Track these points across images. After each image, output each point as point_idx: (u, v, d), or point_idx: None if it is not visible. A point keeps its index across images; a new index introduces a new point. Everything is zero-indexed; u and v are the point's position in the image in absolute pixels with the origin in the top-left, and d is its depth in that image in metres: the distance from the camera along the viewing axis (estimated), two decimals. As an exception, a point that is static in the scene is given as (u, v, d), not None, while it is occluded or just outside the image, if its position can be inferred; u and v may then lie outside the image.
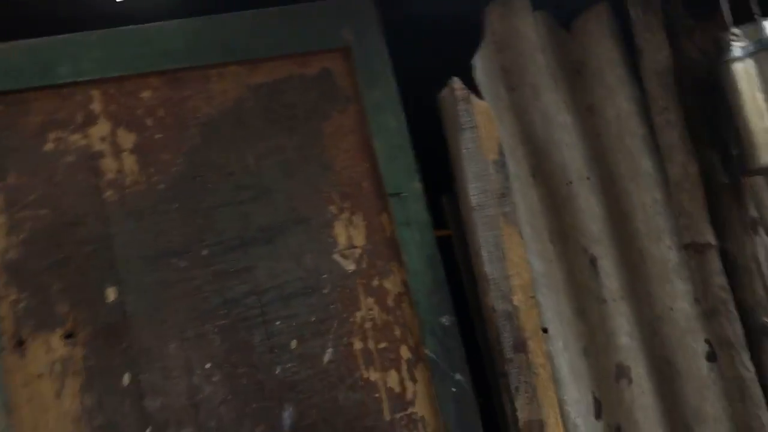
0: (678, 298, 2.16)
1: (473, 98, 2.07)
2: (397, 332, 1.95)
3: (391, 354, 1.95)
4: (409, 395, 1.94)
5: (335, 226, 1.97)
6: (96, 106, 1.93)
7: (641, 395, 2.10)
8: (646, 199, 2.20)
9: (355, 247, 1.96)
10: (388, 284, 1.97)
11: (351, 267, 1.95)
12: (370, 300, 1.95)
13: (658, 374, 2.17)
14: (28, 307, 1.79)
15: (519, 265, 2.03)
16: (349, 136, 2.01)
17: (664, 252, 2.18)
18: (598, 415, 2.11)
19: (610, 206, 2.22)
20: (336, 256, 1.95)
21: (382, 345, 1.94)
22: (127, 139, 1.94)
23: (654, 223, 2.19)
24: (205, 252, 1.90)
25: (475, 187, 2.04)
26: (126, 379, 1.83)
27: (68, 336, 1.82)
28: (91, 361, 1.82)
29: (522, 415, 1.96)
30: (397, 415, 1.92)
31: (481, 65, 2.16)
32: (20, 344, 1.76)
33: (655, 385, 2.15)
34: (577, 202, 2.17)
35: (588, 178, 2.19)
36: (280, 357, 1.88)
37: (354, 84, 2.04)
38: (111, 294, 1.86)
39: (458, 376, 1.93)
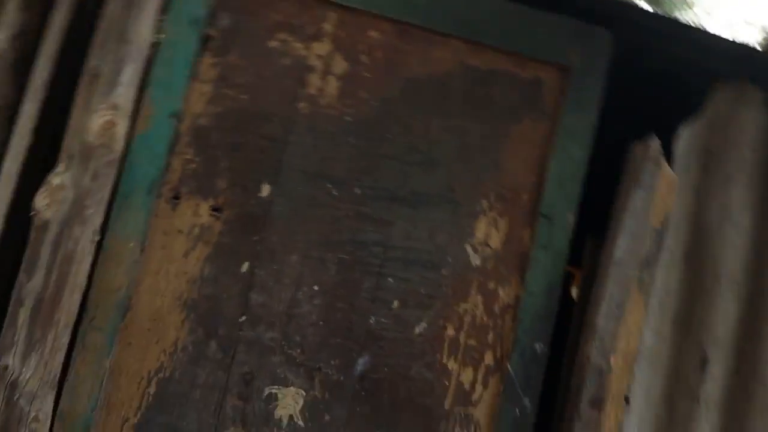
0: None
1: (664, 164, 2.01)
2: (490, 337, 1.95)
3: (475, 353, 1.95)
4: (475, 396, 1.94)
5: (480, 220, 1.97)
6: (327, 26, 1.98)
7: None
8: None
9: (489, 246, 1.96)
10: (501, 292, 1.97)
11: (477, 262, 1.96)
12: (479, 298, 1.95)
13: None
14: (196, 171, 1.90)
15: (632, 332, 1.98)
16: (531, 147, 2.00)
17: None
18: None
19: (750, 319, 2.11)
20: (467, 247, 1.96)
21: (472, 342, 1.95)
22: (340, 65, 1.99)
23: None
24: (357, 191, 1.95)
25: (625, 243, 2.00)
26: (245, 267, 1.91)
27: (215, 209, 1.91)
28: (225, 238, 1.92)
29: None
30: (456, 409, 1.93)
31: (685, 136, 2.11)
32: (176, 198, 1.88)
33: None
34: (715, 299, 2.09)
35: (737, 283, 2.12)
36: (379, 310, 1.92)
37: (558, 102, 2.02)
38: (265, 190, 1.93)
39: (527, 402, 1.93)
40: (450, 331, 1.94)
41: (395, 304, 1.93)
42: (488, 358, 1.95)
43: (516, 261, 1.98)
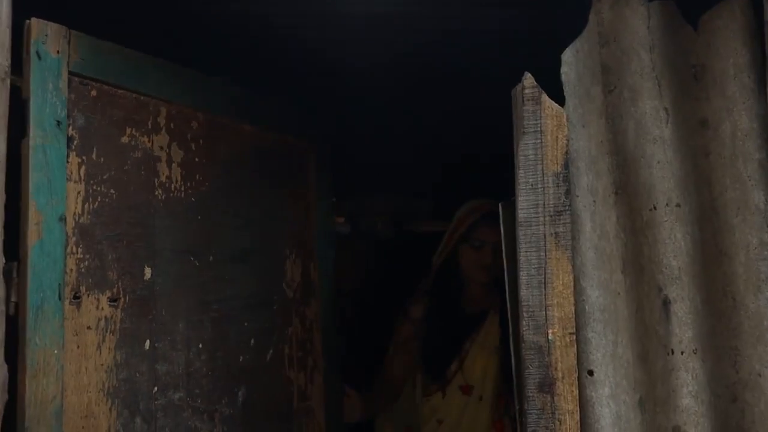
0: (770, 364, 1.58)
1: (545, 99, 1.61)
2: (308, 346, 2.42)
3: (303, 361, 2.39)
4: (309, 392, 2.41)
5: (286, 263, 2.39)
6: (162, 120, 2.02)
7: (698, 470, 1.58)
8: (752, 239, 1.57)
9: (294, 281, 2.40)
10: (308, 312, 2.45)
11: (291, 294, 2.38)
12: (297, 320, 2.39)
13: (729, 449, 1.61)
14: (89, 267, 1.77)
15: (562, 294, 1.59)
16: (303, 202, 2.53)
17: (761, 306, 1.56)
18: (645, 480, 1.64)
19: (703, 242, 1.62)
20: (284, 284, 2.36)
21: (300, 353, 2.40)
22: (177, 153, 2.05)
23: (755, 269, 1.56)
24: (211, 257, 2.08)
25: (526, 200, 1.65)
26: (147, 344, 1.87)
27: (113, 300, 1.80)
28: (126, 324, 1.82)
29: (534, 464, 1.58)
30: (300, 405, 2.37)
31: (575, 60, 1.66)
32: (76, 297, 1.73)
33: (720, 461, 1.61)
34: (660, 231, 1.63)
35: (678, 205, 1.64)
36: (244, 349, 2.16)
37: (311, 165, 2.62)
38: (147, 272, 1.92)
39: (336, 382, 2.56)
40: (287, 350, 2.33)
41: (252, 341, 2.20)
42: (310, 362, 2.43)
43: (310, 288, 2.48)
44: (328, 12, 2.10)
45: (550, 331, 1.57)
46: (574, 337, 1.57)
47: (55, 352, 1.73)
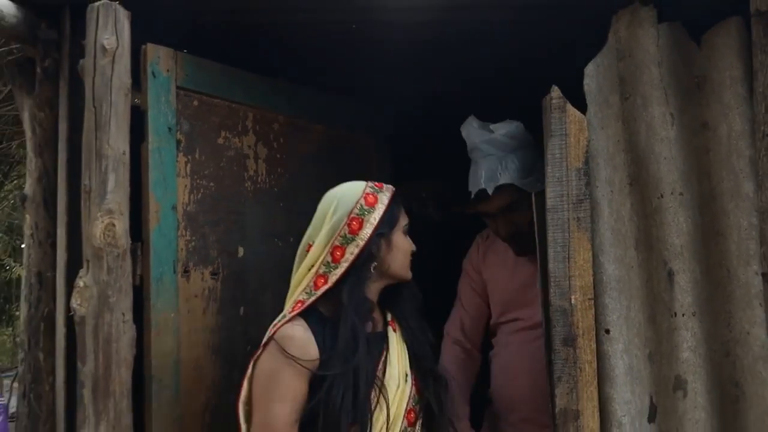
0: (756, 324, 1.84)
1: (569, 107, 1.91)
2: None
3: None
4: None
5: None
6: (249, 123, 2.35)
7: (694, 409, 1.84)
8: (743, 222, 1.87)
9: None
10: None
11: None
12: None
13: (721, 393, 1.87)
14: (195, 247, 2.13)
15: (583, 267, 1.90)
16: None
17: (750, 277, 1.85)
18: (651, 419, 1.91)
19: (704, 224, 1.91)
20: None
21: None
22: (262, 151, 2.38)
23: (745, 247, 1.86)
24: (291, 239, 2.23)
25: (553, 191, 1.95)
26: (241, 311, 2.25)
27: (214, 274, 2.18)
28: (225, 294, 2.20)
29: (560, 402, 1.88)
30: None
31: (596, 73, 1.97)
32: (186, 271, 2.11)
33: (714, 402, 1.86)
34: (666, 215, 1.91)
35: (681, 194, 1.91)
36: None
37: (373, 157, 2.84)
38: (240, 251, 2.28)
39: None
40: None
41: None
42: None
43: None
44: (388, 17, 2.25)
45: (572, 296, 1.87)
46: (593, 301, 1.87)
47: (172, 315, 2.10)
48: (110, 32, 2.03)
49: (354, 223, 1.74)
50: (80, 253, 2.00)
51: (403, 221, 1.84)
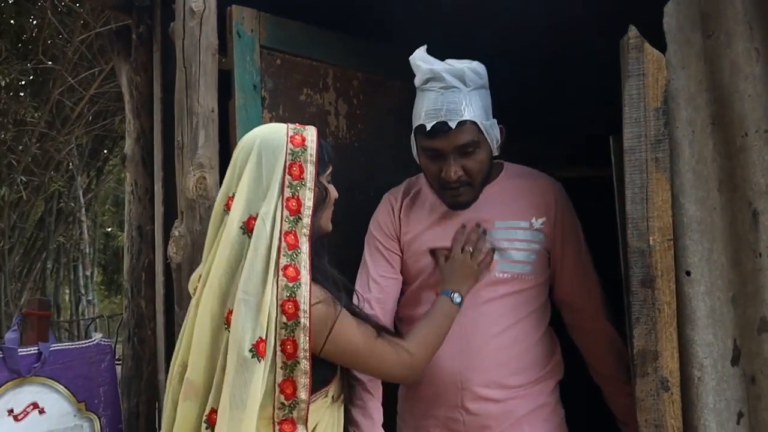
0: None
1: (647, 47, 1.88)
2: None
3: None
4: None
5: None
6: (330, 80, 2.42)
7: (780, 352, 1.80)
8: None
9: None
10: None
11: None
12: None
13: (809, 336, 1.82)
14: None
15: (661, 208, 1.85)
16: None
17: None
18: (735, 362, 1.85)
19: None
20: None
21: None
22: (342, 107, 2.46)
23: None
24: (372, 192, 2.29)
25: (631, 132, 1.90)
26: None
27: None
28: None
29: (638, 344, 1.85)
30: None
31: (676, 11, 1.90)
32: None
33: (801, 346, 1.82)
34: (750, 154, 1.84)
35: (766, 131, 1.85)
36: None
37: None
38: None
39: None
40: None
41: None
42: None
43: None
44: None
45: (651, 238, 1.83)
46: (672, 243, 1.81)
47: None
48: None
49: (294, 168, 1.57)
50: (176, 207, 2.12)
51: (330, 167, 1.72)
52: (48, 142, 4.95)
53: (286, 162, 1.56)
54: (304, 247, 1.53)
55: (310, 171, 1.57)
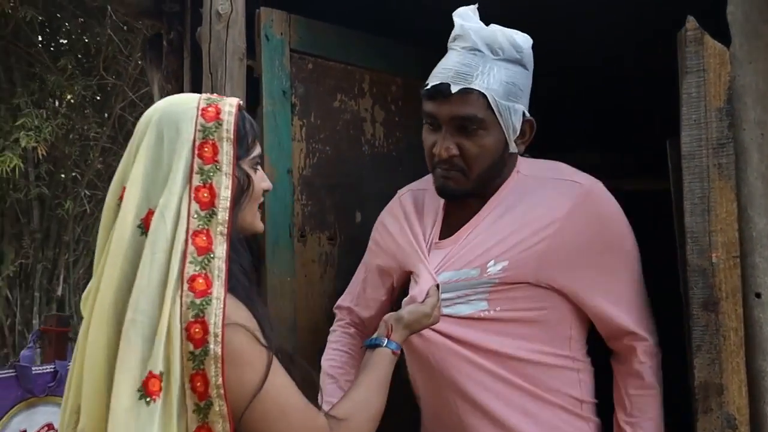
0: None
1: (708, 39, 1.66)
2: None
3: None
4: None
5: None
6: (366, 86, 2.24)
7: None
8: None
9: None
10: None
11: None
12: None
13: None
14: (311, 212, 2.09)
15: (726, 221, 1.61)
16: None
17: None
18: (815, 398, 1.60)
19: None
20: None
21: None
22: (379, 114, 2.26)
23: None
24: None
25: (689, 135, 1.67)
26: None
27: (331, 239, 2.13)
28: (342, 259, 2.13)
29: (699, 375, 1.60)
30: None
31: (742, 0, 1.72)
32: (303, 236, 2.06)
33: None
34: None
35: None
36: None
37: None
38: (358, 216, 2.19)
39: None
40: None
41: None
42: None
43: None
44: None
45: (713, 254, 1.61)
46: (738, 260, 1.58)
47: (289, 279, 2.06)
48: None
49: (206, 147, 1.17)
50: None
51: (255, 149, 1.28)
52: (111, 157, 4.99)
53: (194, 141, 1.16)
54: (220, 250, 1.13)
55: (226, 152, 1.17)
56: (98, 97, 4.95)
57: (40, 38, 4.78)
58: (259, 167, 1.29)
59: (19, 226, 4.87)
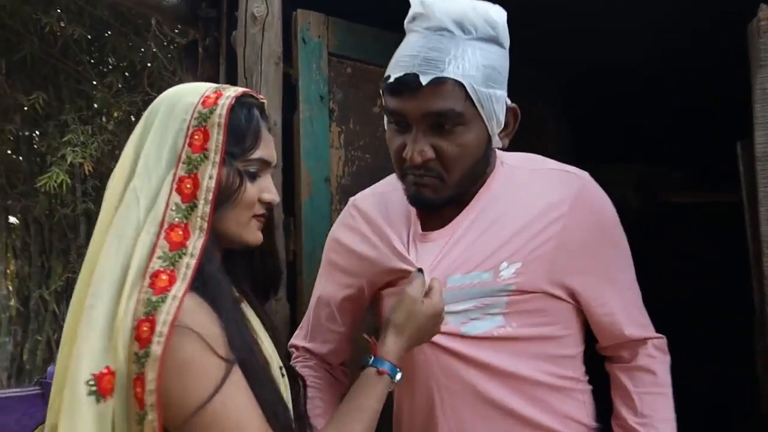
0: None
1: None
2: None
3: None
4: None
5: None
6: None
7: None
8: None
9: None
10: None
11: None
12: None
13: None
14: None
15: None
16: None
17: None
18: None
19: None
20: None
21: None
22: None
23: None
24: None
25: (764, 135, 1.51)
26: None
27: None
28: None
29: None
30: None
31: None
32: None
33: None
34: None
35: None
36: None
37: None
38: None
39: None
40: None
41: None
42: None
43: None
44: None
45: (794, 266, 1.42)
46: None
47: (321, 297, 1.88)
48: (260, 0, 1.90)
49: (197, 135, 1.03)
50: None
51: (256, 151, 1.08)
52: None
53: (188, 128, 1.04)
54: (194, 246, 0.99)
55: (216, 139, 1.02)
56: (143, 113, 4.94)
57: (87, 56, 4.79)
58: (264, 176, 1.11)
59: (66, 241, 4.87)
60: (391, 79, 1.28)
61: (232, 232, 1.08)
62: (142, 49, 4.73)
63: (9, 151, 5.00)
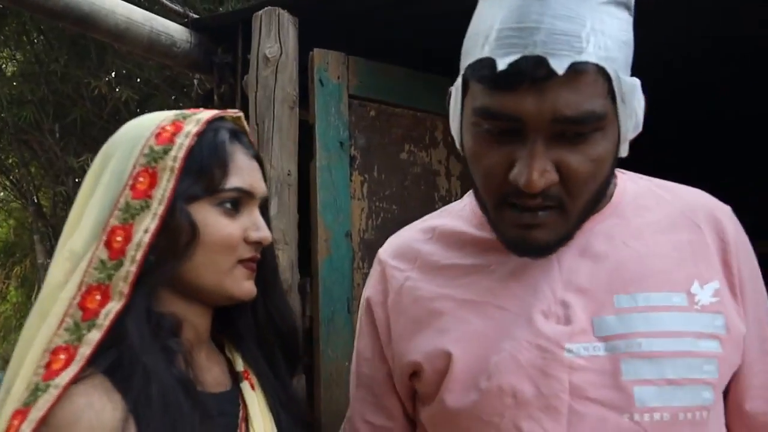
0: None
1: None
2: None
3: None
4: None
5: None
6: (438, 134, 1.92)
7: None
8: None
9: None
10: None
11: None
12: None
13: None
14: None
15: None
16: None
17: None
18: None
19: None
20: None
21: None
22: (456, 166, 1.91)
23: None
24: None
25: None
26: None
27: None
28: None
29: None
30: None
31: None
32: None
33: None
34: None
35: None
36: None
37: None
38: None
39: None
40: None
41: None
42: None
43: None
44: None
45: None
46: None
47: (346, 364, 1.67)
48: (273, 40, 1.74)
49: (143, 177, 0.82)
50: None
51: (228, 182, 0.85)
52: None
53: (134, 166, 0.82)
54: (106, 316, 0.76)
55: (164, 187, 0.81)
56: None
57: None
58: (248, 210, 0.87)
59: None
60: (500, 66, 0.75)
61: (210, 283, 0.84)
62: (188, 107, 4.69)
63: (63, 214, 5.00)
